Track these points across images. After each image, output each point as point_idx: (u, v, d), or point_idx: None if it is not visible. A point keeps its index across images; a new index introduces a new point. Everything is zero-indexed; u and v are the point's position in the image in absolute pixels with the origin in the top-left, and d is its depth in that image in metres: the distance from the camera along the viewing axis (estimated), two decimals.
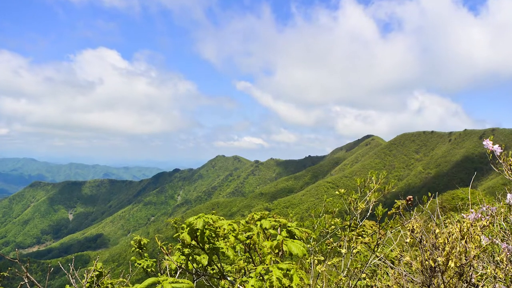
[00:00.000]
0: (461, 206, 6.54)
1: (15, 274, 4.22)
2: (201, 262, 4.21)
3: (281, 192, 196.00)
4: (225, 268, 6.90)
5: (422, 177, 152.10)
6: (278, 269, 3.25)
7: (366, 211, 5.35)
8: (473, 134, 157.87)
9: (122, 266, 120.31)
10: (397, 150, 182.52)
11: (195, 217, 3.88)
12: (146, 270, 5.96)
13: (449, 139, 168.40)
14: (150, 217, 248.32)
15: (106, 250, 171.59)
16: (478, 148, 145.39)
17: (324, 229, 5.88)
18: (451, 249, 3.35)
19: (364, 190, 5.33)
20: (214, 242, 3.97)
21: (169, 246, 4.93)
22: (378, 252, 5.08)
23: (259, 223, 3.91)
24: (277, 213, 4.33)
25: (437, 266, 3.44)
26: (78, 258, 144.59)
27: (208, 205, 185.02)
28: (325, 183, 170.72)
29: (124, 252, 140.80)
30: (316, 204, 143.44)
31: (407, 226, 3.85)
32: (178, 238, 4.02)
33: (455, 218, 4.29)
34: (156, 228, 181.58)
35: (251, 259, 4.30)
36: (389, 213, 4.97)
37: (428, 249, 3.55)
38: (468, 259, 3.30)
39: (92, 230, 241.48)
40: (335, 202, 6.09)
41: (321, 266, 5.00)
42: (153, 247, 29.10)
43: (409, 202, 4.90)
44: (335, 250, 5.64)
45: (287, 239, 3.69)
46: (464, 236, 3.36)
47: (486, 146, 4.02)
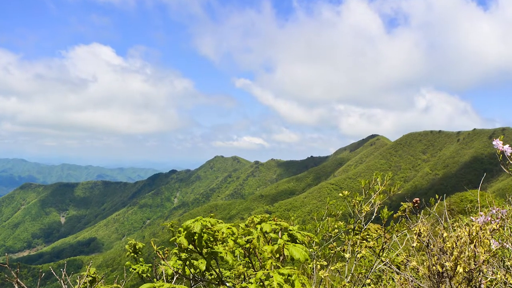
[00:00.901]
0: (470, 209, 6.54)
1: (5, 279, 4.22)
2: (198, 267, 4.21)
3: (282, 194, 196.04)
4: (224, 274, 6.90)
5: (429, 179, 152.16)
6: (279, 274, 3.25)
7: (371, 214, 5.36)
8: (483, 134, 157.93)
9: (116, 272, 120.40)
10: (403, 151, 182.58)
11: (192, 220, 3.88)
12: (142, 276, 5.96)
13: (458, 139, 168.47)
14: (145, 220, 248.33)
15: (100, 254, 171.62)
16: (488, 148, 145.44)
17: (327, 233, 5.89)
18: (460, 253, 3.35)
19: (369, 192, 5.33)
20: (213, 246, 3.97)
21: (165, 251, 4.94)
22: (384, 256, 5.08)
23: (259, 226, 3.91)
24: (278, 216, 4.34)
25: (445, 271, 3.44)
26: (70, 263, 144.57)
27: (206, 208, 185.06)
28: (328, 184, 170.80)
29: (118, 256, 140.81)
30: (318, 207, 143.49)
31: (414, 230, 3.86)
32: (175, 242, 4.02)
33: (463, 221, 4.29)
34: (151, 232, 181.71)
35: (251, 264, 4.30)
36: (395, 216, 4.98)
37: (436, 253, 3.55)
38: (477, 264, 3.31)
39: (85, 233, 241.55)
40: (339, 205, 6.09)
41: (324, 272, 5.01)
42: (149, 252, 29.11)
43: (416, 205, 4.90)
44: (338, 255, 5.64)
45: (288, 243, 3.69)
46: (473, 240, 3.36)
47: (496, 146, 4.03)
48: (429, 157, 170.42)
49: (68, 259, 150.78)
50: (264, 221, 4.01)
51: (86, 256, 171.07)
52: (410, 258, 4.66)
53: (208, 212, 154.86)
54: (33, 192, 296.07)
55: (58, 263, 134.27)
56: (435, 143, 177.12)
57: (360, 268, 5.53)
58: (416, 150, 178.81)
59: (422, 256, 4.62)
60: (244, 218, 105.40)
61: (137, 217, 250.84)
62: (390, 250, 5.70)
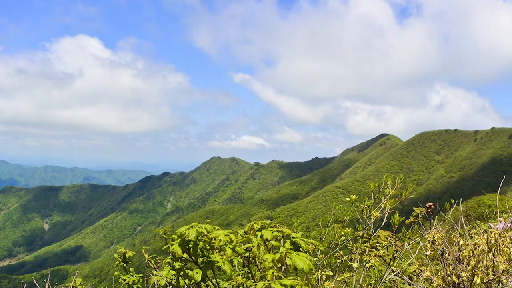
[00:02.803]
0: (488, 214, 6.53)
1: None
2: (194, 278, 4.21)
3: (284, 199, 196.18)
4: (221, 285, 6.90)
5: (444, 182, 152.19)
6: (281, 285, 3.25)
7: (380, 220, 5.36)
8: (502, 133, 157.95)
9: (104, 282, 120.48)
10: (416, 151, 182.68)
11: (187, 226, 3.88)
12: (132, 287, 5.96)
13: (475, 138, 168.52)
14: (136, 227, 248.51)
15: (87, 264, 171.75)
16: (508, 148, 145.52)
17: (333, 241, 5.89)
18: (477, 263, 3.35)
19: (379, 196, 5.33)
20: (209, 255, 3.97)
21: (157, 260, 4.93)
22: (394, 266, 5.09)
23: (260, 233, 3.91)
24: (279, 222, 4.34)
25: (461, 282, 3.44)
26: (54, 273, 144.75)
27: (202, 213, 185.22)
28: (334, 188, 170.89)
29: (106, 266, 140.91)
30: (324, 212, 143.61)
31: (427, 237, 3.86)
32: (168, 251, 4.02)
33: (481, 228, 4.29)
34: (143, 239, 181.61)
35: (250, 275, 4.30)
36: (407, 222, 4.98)
37: (451, 263, 3.56)
38: (496, 274, 3.31)
39: (70, 241, 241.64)
40: (346, 210, 6.09)
41: (329, 283, 5.01)
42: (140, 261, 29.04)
43: (430, 210, 4.90)
44: (345, 264, 5.64)
45: (291, 251, 3.69)
46: (491, 249, 3.36)
47: None
48: (443, 158, 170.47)
49: (52, 269, 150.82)
50: (265, 227, 4.01)
51: (71, 266, 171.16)
52: (423, 268, 4.66)
53: (204, 218, 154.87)
54: (14, 196, 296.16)
55: (41, 273, 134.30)
56: (450, 143, 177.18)
57: (369, 279, 5.53)
58: (430, 151, 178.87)
59: (436, 265, 4.62)
60: (243, 224, 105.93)
61: (127, 223, 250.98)
62: (401, 259, 5.71)
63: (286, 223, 6.72)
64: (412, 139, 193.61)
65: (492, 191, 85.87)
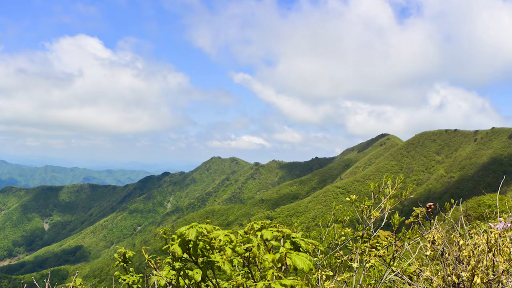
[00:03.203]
0: (488, 214, 6.53)
1: None
2: (194, 278, 4.21)
3: (284, 199, 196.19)
4: (221, 285, 6.90)
5: (444, 182, 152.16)
6: (281, 285, 3.25)
7: (380, 220, 5.36)
8: (502, 133, 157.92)
9: (104, 282, 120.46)
10: (416, 151, 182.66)
11: (187, 226, 3.88)
12: (132, 287, 5.96)
13: (475, 138, 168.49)
14: (136, 227, 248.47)
15: (87, 264, 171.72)
16: (508, 148, 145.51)
17: (333, 241, 5.89)
18: (477, 263, 3.35)
19: (379, 196, 5.33)
20: (209, 255, 3.97)
21: (157, 260, 4.94)
22: (394, 266, 5.09)
23: (260, 233, 3.91)
24: (280, 222, 4.34)
25: (461, 282, 3.44)
26: (54, 273, 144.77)
27: (202, 213, 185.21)
28: (334, 188, 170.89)
29: (106, 266, 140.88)
30: (324, 212, 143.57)
31: (427, 237, 3.86)
32: (168, 251, 4.02)
33: (481, 228, 4.29)
34: (143, 239, 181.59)
35: (250, 275, 4.30)
36: (407, 222, 4.98)
37: (451, 263, 3.56)
38: (496, 274, 3.31)
39: (70, 241, 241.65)
40: (346, 210, 6.09)
41: (329, 283, 5.01)
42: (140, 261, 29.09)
43: (430, 210, 4.91)
44: (345, 264, 5.64)
45: (291, 251, 3.69)
46: (491, 249, 3.36)
47: None
48: (444, 158, 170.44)
49: (52, 269, 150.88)
50: (265, 227, 4.01)
51: (71, 266, 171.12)
52: (423, 268, 4.66)
53: (204, 218, 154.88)
54: (14, 196, 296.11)
55: (41, 273, 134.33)
56: (450, 143, 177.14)
57: (369, 279, 5.53)
58: (430, 151, 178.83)
59: (436, 265, 4.62)
60: (243, 224, 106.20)
61: (127, 223, 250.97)
62: (401, 259, 5.70)
63: (286, 223, 6.72)
64: (412, 139, 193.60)
65: (492, 191, 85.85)
